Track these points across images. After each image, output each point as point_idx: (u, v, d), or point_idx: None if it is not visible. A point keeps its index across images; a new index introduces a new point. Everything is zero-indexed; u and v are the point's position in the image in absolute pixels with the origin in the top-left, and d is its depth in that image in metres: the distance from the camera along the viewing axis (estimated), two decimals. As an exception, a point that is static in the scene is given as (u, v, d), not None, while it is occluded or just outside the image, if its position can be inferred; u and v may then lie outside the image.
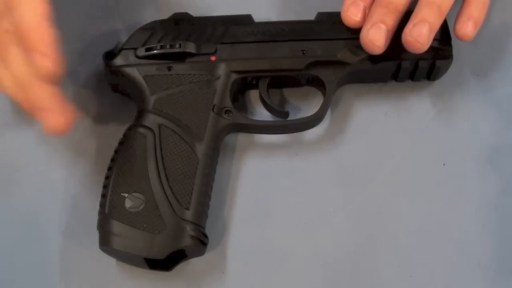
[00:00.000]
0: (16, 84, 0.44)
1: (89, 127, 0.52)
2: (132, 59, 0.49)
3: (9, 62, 0.44)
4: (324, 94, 0.50)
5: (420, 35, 0.47)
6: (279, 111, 0.51)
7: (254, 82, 0.51)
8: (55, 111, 0.44)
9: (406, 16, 0.48)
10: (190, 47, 0.49)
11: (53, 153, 0.52)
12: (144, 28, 0.50)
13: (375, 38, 0.47)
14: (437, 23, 0.48)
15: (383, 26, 0.47)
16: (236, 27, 0.50)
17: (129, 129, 0.48)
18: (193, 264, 0.48)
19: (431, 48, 0.50)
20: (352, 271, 0.48)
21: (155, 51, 0.49)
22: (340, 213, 0.50)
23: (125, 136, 0.47)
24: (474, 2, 0.49)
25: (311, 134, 0.52)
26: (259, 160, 0.51)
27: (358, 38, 0.49)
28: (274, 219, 0.50)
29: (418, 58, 0.50)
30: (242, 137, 0.52)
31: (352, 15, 0.49)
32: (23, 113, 0.52)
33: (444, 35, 0.50)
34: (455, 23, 0.49)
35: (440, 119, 0.52)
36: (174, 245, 0.45)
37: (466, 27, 0.49)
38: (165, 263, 0.46)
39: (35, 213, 0.50)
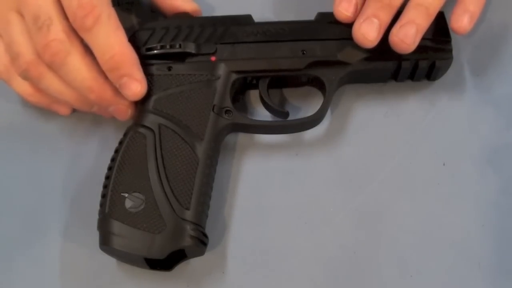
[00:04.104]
0: (78, 93, 0.48)
1: (89, 127, 0.52)
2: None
3: (67, 72, 0.46)
4: (324, 94, 0.50)
5: (406, 36, 0.47)
6: (279, 111, 0.51)
7: (254, 82, 0.51)
8: (119, 103, 0.48)
9: (396, 16, 0.49)
10: (190, 47, 0.49)
11: (53, 153, 0.52)
12: (144, 28, 0.50)
13: (367, 32, 0.48)
14: (425, 25, 0.48)
15: (375, 21, 0.47)
16: (236, 27, 0.50)
17: (130, 129, 0.48)
18: (193, 264, 0.48)
19: (431, 48, 0.50)
20: (352, 271, 0.48)
21: (155, 51, 0.49)
22: (340, 213, 0.50)
23: (125, 136, 0.47)
24: None
25: (311, 134, 0.52)
26: (259, 160, 0.51)
27: (357, 38, 0.49)
28: (274, 219, 0.50)
29: (418, 58, 0.50)
30: (242, 137, 0.52)
31: (343, 10, 0.49)
32: (23, 114, 0.53)
33: (444, 35, 0.50)
34: (451, 17, 0.49)
35: (440, 119, 0.52)
36: (174, 245, 0.45)
37: (462, 20, 0.49)
38: (165, 263, 0.46)
39: (35, 213, 0.50)
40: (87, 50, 0.46)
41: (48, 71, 0.47)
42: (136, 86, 0.47)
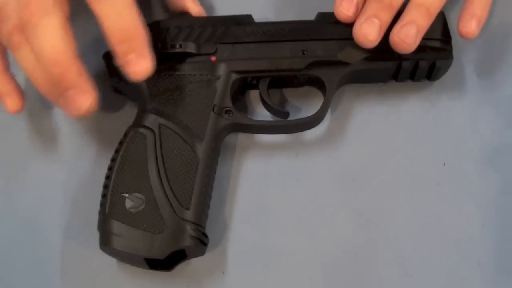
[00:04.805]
0: (40, 67, 0.44)
1: (89, 127, 0.52)
2: (132, 59, 0.49)
3: (38, 34, 0.43)
4: (324, 94, 0.50)
5: (407, 36, 0.47)
6: (279, 111, 0.51)
7: (254, 82, 0.51)
8: (82, 89, 0.44)
9: (397, 16, 0.49)
10: (190, 47, 0.49)
11: (53, 153, 0.52)
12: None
13: (368, 32, 0.48)
14: (425, 25, 0.48)
15: (376, 21, 0.47)
16: (237, 27, 0.50)
17: (130, 129, 0.48)
18: (193, 264, 0.48)
19: (432, 48, 0.50)
20: (352, 271, 0.48)
21: (155, 51, 0.49)
22: (340, 213, 0.50)
23: (125, 136, 0.47)
24: (477, 0, 0.49)
25: (311, 134, 0.52)
26: (259, 160, 0.51)
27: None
28: (274, 219, 0.50)
29: (418, 58, 0.50)
30: (242, 137, 0.52)
31: (344, 9, 0.49)
32: (23, 114, 0.53)
33: (444, 35, 0.50)
34: (458, 22, 0.49)
35: (440, 119, 0.52)
36: (175, 245, 0.45)
37: (470, 26, 0.49)
38: (165, 263, 0.46)
39: (35, 213, 0.50)
40: (68, 25, 0.44)
41: (27, 41, 0.44)
42: (146, 63, 0.44)
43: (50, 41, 0.43)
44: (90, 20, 0.44)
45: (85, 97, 0.44)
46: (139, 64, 0.44)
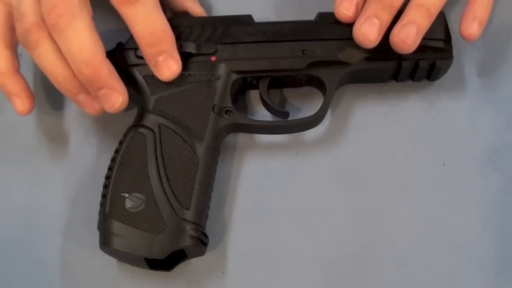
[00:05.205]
0: (63, 65, 0.46)
1: (89, 127, 0.52)
2: (132, 59, 0.49)
3: (68, 37, 0.44)
4: (324, 94, 0.50)
5: (407, 36, 0.47)
6: (279, 111, 0.51)
7: (254, 82, 0.51)
8: (114, 87, 0.46)
9: (397, 16, 0.49)
10: (191, 47, 0.49)
11: (53, 152, 0.52)
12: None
13: (368, 32, 0.48)
14: (426, 25, 0.48)
15: (376, 21, 0.47)
16: (237, 27, 0.50)
17: (130, 129, 0.48)
18: (193, 264, 0.48)
19: (432, 48, 0.50)
20: (352, 271, 0.48)
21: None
22: (340, 213, 0.50)
23: (125, 136, 0.47)
24: (479, 2, 0.49)
25: (311, 134, 0.52)
26: (259, 160, 0.51)
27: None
28: (274, 219, 0.50)
29: (419, 58, 0.50)
30: (242, 137, 0.52)
31: (344, 9, 0.49)
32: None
33: (444, 35, 0.50)
34: (460, 24, 0.49)
35: (440, 119, 0.52)
36: (175, 245, 0.45)
37: (472, 28, 0.49)
38: (165, 263, 0.46)
39: (35, 213, 0.50)
40: (94, 25, 0.45)
41: (47, 38, 0.45)
42: (175, 65, 0.47)
43: (81, 43, 0.44)
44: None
45: (117, 95, 0.46)
46: (168, 65, 0.46)
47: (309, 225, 0.49)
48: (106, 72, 0.46)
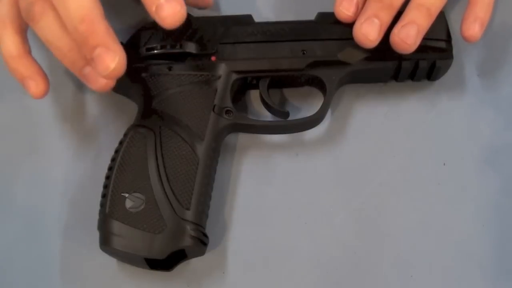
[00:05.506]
0: (65, 33, 0.44)
1: (90, 127, 0.52)
2: (133, 59, 0.49)
3: (61, 4, 0.43)
4: (324, 94, 0.50)
5: (407, 36, 0.47)
6: (280, 111, 0.51)
7: (255, 82, 0.51)
8: (110, 47, 0.43)
9: (397, 16, 0.49)
10: (191, 47, 0.49)
11: (53, 152, 0.52)
12: (145, 28, 0.50)
13: (368, 32, 0.48)
14: (426, 25, 0.48)
15: (376, 21, 0.47)
16: (237, 27, 0.50)
17: (130, 129, 0.48)
18: (194, 264, 0.48)
19: (432, 48, 0.50)
20: (352, 271, 0.48)
21: (155, 51, 0.49)
22: (340, 213, 0.50)
23: (125, 136, 0.47)
24: (480, 3, 0.49)
25: (311, 134, 0.52)
26: (259, 160, 0.51)
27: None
28: (274, 219, 0.50)
29: (419, 58, 0.50)
30: (242, 137, 0.52)
31: (344, 9, 0.49)
32: (22, 113, 0.53)
33: (444, 35, 0.50)
34: (461, 25, 0.49)
35: (440, 119, 0.52)
36: (175, 245, 0.45)
37: (473, 28, 0.49)
38: (165, 263, 0.46)
39: (35, 213, 0.50)
40: None
41: (51, 9, 0.44)
42: (176, 5, 0.42)
43: (79, 2, 0.43)
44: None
45: (112, 55, 0.43)
46: (170, 4, 0.42)
47: (309, 225, 0.49)
48: (103, 28, 0.43)
